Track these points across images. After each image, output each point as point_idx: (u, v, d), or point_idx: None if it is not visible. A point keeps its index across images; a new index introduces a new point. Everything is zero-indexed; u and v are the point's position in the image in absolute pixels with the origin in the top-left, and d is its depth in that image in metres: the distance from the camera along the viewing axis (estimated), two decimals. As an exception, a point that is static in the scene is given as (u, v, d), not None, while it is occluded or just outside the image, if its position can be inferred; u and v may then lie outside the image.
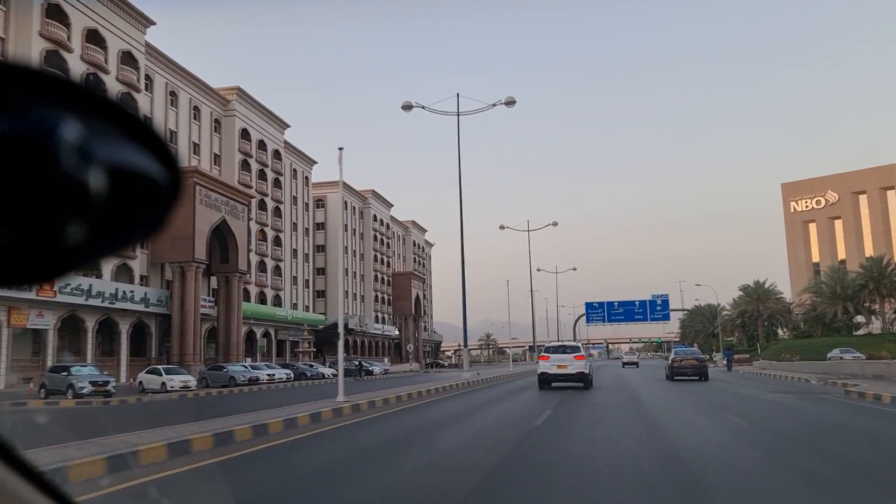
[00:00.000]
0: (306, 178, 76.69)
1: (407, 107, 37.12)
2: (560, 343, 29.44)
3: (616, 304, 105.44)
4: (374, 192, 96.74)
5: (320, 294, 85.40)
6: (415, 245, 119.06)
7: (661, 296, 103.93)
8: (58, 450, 8.85)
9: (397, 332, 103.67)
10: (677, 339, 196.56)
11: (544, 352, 26.84)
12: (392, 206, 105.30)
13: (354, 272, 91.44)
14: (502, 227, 66.88)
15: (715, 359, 77.41)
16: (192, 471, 8.44)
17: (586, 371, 25.09)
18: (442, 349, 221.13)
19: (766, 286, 78.91)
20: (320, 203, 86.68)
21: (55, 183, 0.58)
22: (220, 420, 13.25)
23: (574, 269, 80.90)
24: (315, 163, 78.53)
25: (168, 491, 7.34)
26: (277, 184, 67.51)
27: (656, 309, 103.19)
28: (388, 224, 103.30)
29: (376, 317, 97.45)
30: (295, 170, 74.61)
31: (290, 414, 14.07)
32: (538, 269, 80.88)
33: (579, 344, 30.92)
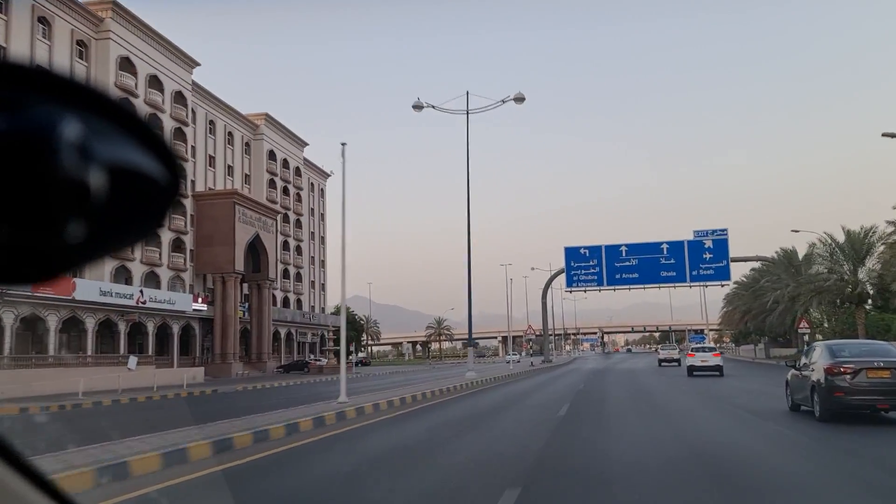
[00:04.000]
0: None
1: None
2: (702, 345, 37.49)
3: (623, 249, 54.72)
4: (116, 6, 46.09)
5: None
6: (272, 159, 68.59)
7: (715, 232, 53.58)
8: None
9: (201, 307, 53.53)
10: (702, 329, 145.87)
11: (691, 350, 34.58)
12: (197, 64, 54.92)
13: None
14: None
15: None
16: None
17: (721, 364, 32.36)
18: (383, 342, 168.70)
19: None
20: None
21: (55, 181, 0.57)
22: None
23: (520, 98, 30.08)
24: None
25: None
26: None
27: (702, 258, 52.85)
28: (178, 93, 52.79)
29: (123, 272, 47.09)
30: None
31: None
32: (424, 105, 30.21)
33: (715, 346, 45.69)
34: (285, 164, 71.17)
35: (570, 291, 56.21)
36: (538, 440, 10.35)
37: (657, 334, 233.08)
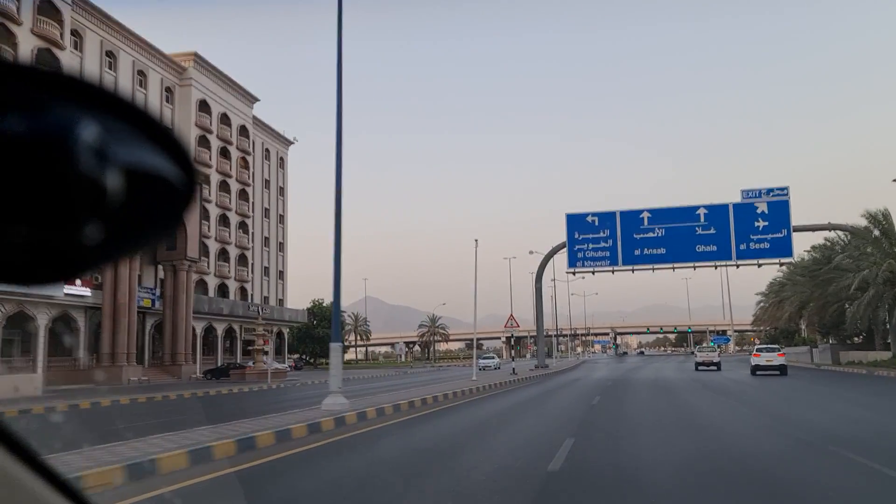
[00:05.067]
0: None
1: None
2: (767, 346, 39.05)
3: (645, 216, 39.65)
4: None
5: None
6: (204, 111, 55.19)
7: (772, 192, 39.30)
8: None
9: (83, 291, 40.27)
10: (724, 329, 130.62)
11: (756, 350, 35.58)
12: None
13: None
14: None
15: None
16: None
17: (785, 363, 33.45)
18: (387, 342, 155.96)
19: None
20: None
21: (72, 182, 0.57)
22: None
23: None
24: None
25: None
26: None
27: (753, 227, 37.84)
28: (47, 3, 39.44)
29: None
30: None
31: None
32: None
33: (779, 346, 41.63)
34: (224, 119, 57.74)
35: (574, 273, 42.25)
36: None
37: (673, 336, 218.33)
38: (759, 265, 39.01)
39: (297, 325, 71.93)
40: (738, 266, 39.32)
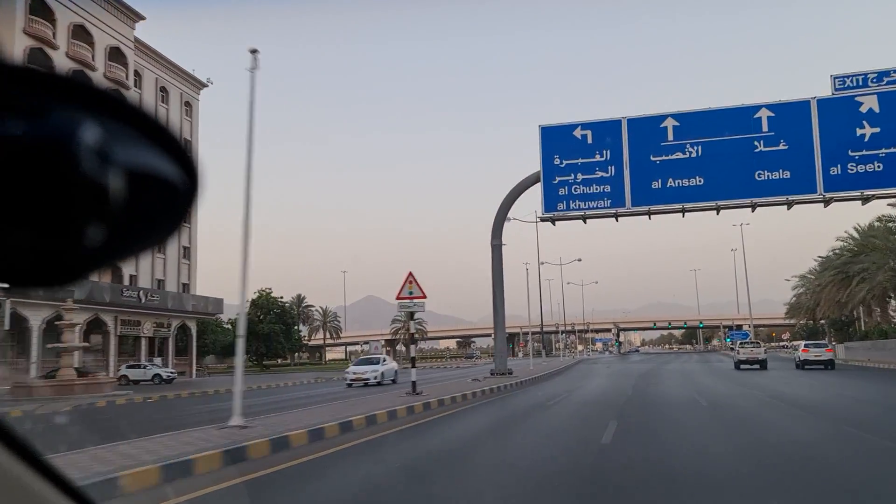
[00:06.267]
0: None
1: None
2: (815, 342, 38.26)
3: (670, 126, 19.56)
4: None
5: None
6: (42, 16, 39.49)
7: (884, 77, 22.53)
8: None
9: None
10: (740, 325, 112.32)
11: (804, 346, 35.55)
12: None
13: None
14: None
15: None
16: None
17: (832, 358, 33.73)
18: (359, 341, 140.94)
19: None
20: None
21: (75, 185, 0.57)
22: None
23: None
24: None
25: None
26: None
27: (852, 136, 15.50)
28: None
29: None
30: None
31: None
32: None
33: (826, 341, 41.33)
34: (81, 34, 42.14)
35: (553, 220, 26.40)
36: None
37: (680, 333, 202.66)
38: (865, 199, 23.37)
39: (208, 317, 56.43)
40: (826, 202, 23.68)
